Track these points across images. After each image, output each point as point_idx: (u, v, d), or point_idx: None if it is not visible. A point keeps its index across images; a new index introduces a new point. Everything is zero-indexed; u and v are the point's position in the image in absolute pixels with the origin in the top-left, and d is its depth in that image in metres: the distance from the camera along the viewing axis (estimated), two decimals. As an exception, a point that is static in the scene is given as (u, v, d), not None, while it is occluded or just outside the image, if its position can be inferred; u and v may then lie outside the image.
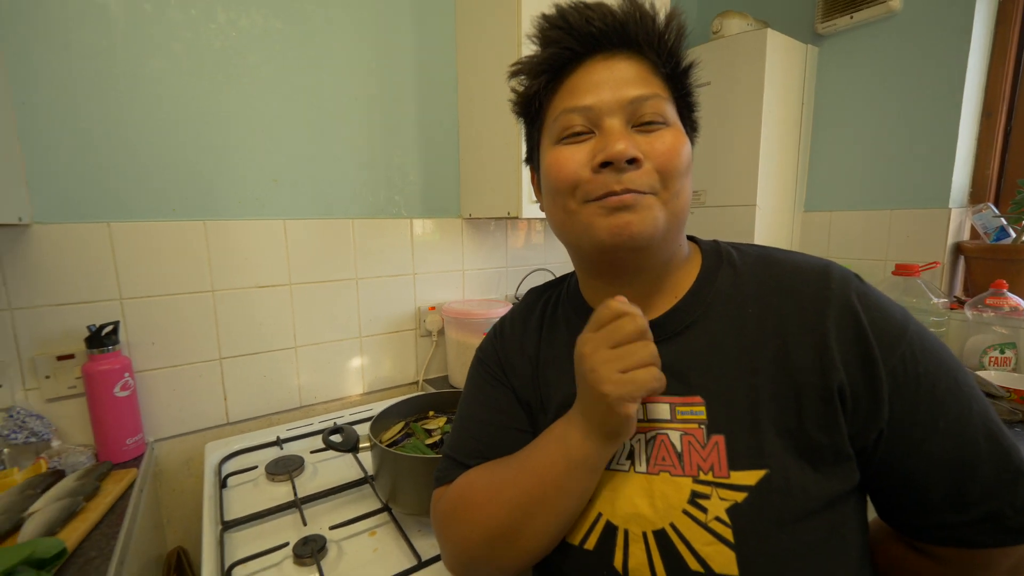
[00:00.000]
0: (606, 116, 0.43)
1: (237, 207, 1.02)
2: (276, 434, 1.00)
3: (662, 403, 0.44)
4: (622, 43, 0.44)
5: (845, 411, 0.39)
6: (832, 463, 0.39)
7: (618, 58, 0.44)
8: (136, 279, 0.93)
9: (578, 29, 0.43)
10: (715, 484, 0.40)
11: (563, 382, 0.49)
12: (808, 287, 0.43)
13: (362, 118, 1.14)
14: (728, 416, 0.41)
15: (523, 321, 0.57)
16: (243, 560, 0.65)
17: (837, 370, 0.39)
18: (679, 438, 0.42)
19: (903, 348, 0.39)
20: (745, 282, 0.46)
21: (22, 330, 0.84)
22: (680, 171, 0.43)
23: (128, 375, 0.88)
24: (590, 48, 0.44)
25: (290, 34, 1.03)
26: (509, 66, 0.49)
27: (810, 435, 0.39)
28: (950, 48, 1.22)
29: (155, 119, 0.92)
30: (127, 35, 0.88)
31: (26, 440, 0.82)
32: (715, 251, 0.49)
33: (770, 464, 0.39)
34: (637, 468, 0.44)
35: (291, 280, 1.09)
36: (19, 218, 0.78)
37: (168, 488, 1.01)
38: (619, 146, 0.41)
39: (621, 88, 0.43)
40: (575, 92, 0.44)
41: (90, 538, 0.67)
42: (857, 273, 0.45)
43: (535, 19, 0.46)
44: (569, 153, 0.44)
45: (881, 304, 0.41)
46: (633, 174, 0.41)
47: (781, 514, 0.38)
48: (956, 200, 1.28)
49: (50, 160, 0.85)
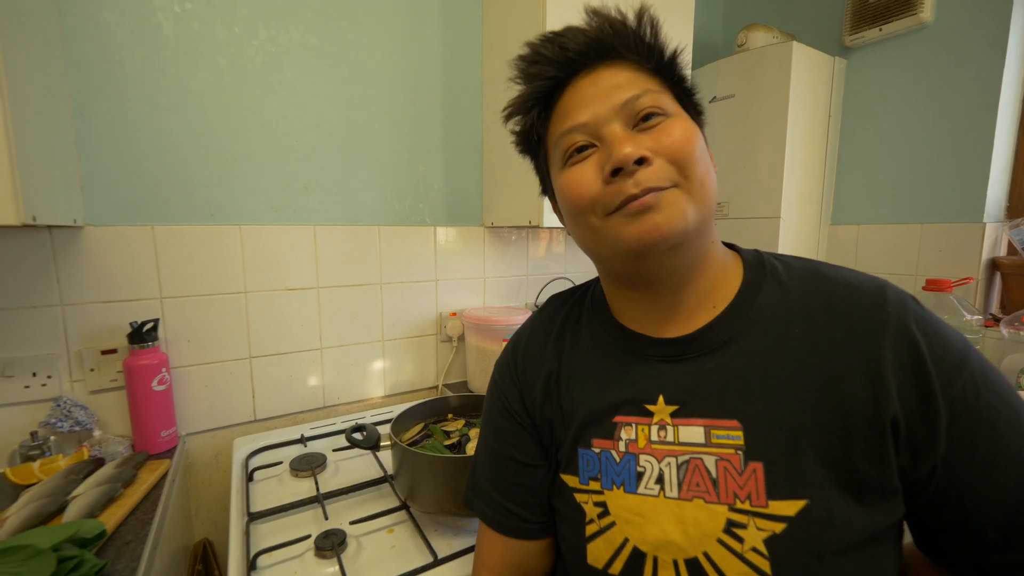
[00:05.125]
0: (604, 126, 0.42)
1: (271, 213, 1.07)
2: (300, 432, 1.03)
3: (695, 425, 0.42)
4: (601, 56, 0.43)
5: (897, 444, 0.37)
6: (878, 496, 0.37)
7: (601, 70, 0.43)
8: (175, 279, 0.98)
9: (555, 58, 0.43)
10: (752, 513, 0.38)
11: (587, 396, 0.48)
12: (861, 309, 0.40)
13: (390, 129, 1.18)
14: (767, 442, 0.39)
15: (544, 330, 0.54)
16: (267, 550, 0.67)
17: (891, 400, 0.37)
18: (714, 463, 0.40)
19: (964, 380, 0.37)
20: (792, 299, 0.43)
21: (71, 325, 0.90)
22: (695, 156, 0.41)
23: (165, 370, 0.93)
24: (572, 70, 0.44)
25: (324, 50, 1.09)
26: (502, 111, 0.49)
27: (857, 466, 0.37)
28: (984, 60, 1.20)
29: (199, 129, 0.98)
30: (176, 52, 0.94)
31: (71, 429, 0.87)
32: (758, 263, 0.47)
33: (811, 494, 0.37)
34: (667, 493, 0.42)
35: (319, 284, 1.13)
36: (74, 220, 0.83)
37: (197, 480, 1.05)
38: (624, 149, 0.39)
39: (611, 96, 0.42)
40: (567, 114, 0.44)
41: (127, 522, 0.71)
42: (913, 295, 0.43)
43: (512, 63, 0.46)
44: (578, 172, 0.43)
45: (940, 331, 0.39)
46: (647, 172, 0.40)
47: (821, 546, 0.36)
48: (992, 215, 1.24)
49: (103, 167, 0.91)
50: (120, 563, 0.62)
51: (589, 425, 0.47)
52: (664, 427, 0.44)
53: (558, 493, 0.49)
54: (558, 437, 0.50)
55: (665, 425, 0.43)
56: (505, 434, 0.53)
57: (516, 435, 0.53)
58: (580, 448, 0.47)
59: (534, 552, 0.52)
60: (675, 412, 0.43)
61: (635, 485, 0.43)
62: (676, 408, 0.43)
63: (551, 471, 0.51)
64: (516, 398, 0.53)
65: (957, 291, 1.19)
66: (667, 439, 0.43)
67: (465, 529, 0.75)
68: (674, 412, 0.43)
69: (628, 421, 0.45)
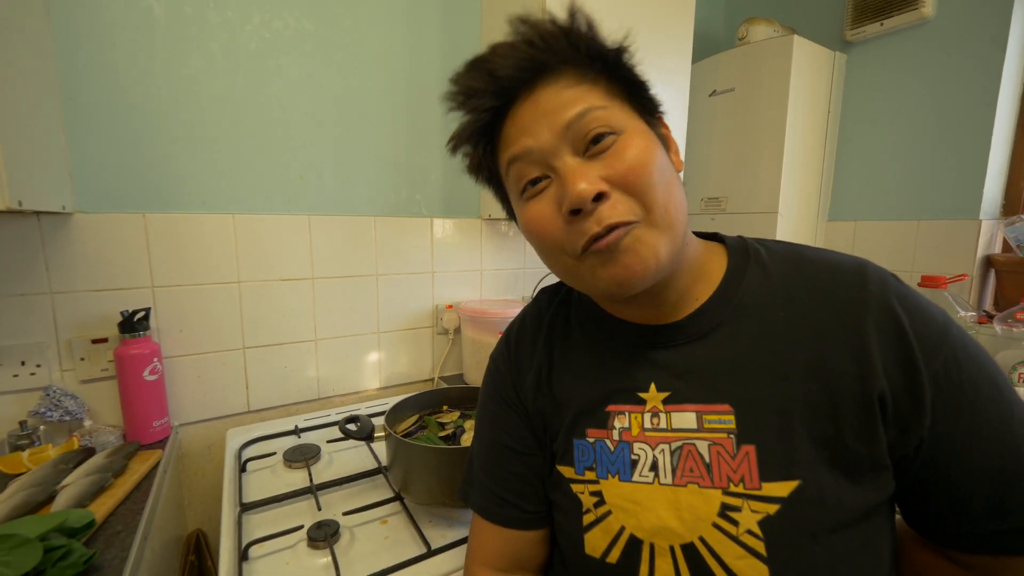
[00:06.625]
0: (553, 157, 0.39)
1: (264, 202, 1.05)
2: (294, 423, 1.03)
3: (687, 411, 0.42)
4: (536, 73, 0.40)
5: (885, 419, 0.38)
6: (869, 473, 0.38)
7: (540, 90, 0.40)
8: (167, 268, 0.96)
9: (487, 88, 0.40)
10: (746, 496, 0.39)
11: (580, 387, 0.49)
12: (844, 288, 0.40)
13: (387, 118, 1.17)
14: (758, 425, 0.40)
15: (535, 323, 0.55)
16: (259, 540, 0.67)
17: (878, 377, 0.37)
18: (707, 448, 0.41)
19: (945, 352, 0.37)
20: (775, 282, 0.43)
21: (61, 313, 0.89)
22: (652, 181, 0.38)
23: (157, 360, 0.92)
24: (508, 97, 0.41)
25: (320, 36, 1.07)
26: (446, 144, 0.47)
27: (847, 444, 0.38)
28: (984, 57, 1.19)
29: (191, 116, 0.96)
30: (168, 36, 0.92)
31: (61, 418, 0.86)
32: (742, 249, 0.47)
33: (803, 475, 0.38)
34: (662, 480, 0.42)
35: (314, 274, 1.12)
36: (63, 207, 0.82)
37: (190, 471, 1.04)
38: (578, 187, 0.37)
39: (552, 118, 0.39)
40: (511, 142, 0.41)
41: (117, 512, 0.70)
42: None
43: (445, 95, 0.43)
44: (538, 210, 0.41)
45: (921, 306, 0.39)
46: (606, 208, 0.38)
47: (814, 526, 0.37)
48: (987, 212, 1.25)
49: (92, 152, 0.89)
50: (109, 553, 0.61)
51: (582, 415, 0.47)
52: (657, 414, 0.44)
53: (555, 485, 0.49)
54: (552, 428, 0.50)
55: (658, 412, 0.44)
56: (501, 422, 0.53)
57: (512, 423, 0.53)
58: (575, 439, 0.48)
59: (530, 542, 0.52)
60: (667, 399, 0.44)
61: (630, 473, 0.44)
62: (668, 395, 0.44)
63: (547, 462, 0.51)
64: (511, 386, 0.54)
65: (952, 287, 1.20)
66: (660, 426, 0.43)
67: (459, 520, 0.74)
68: (666, 399, 0.44)
69: (621, 410, 0.46)
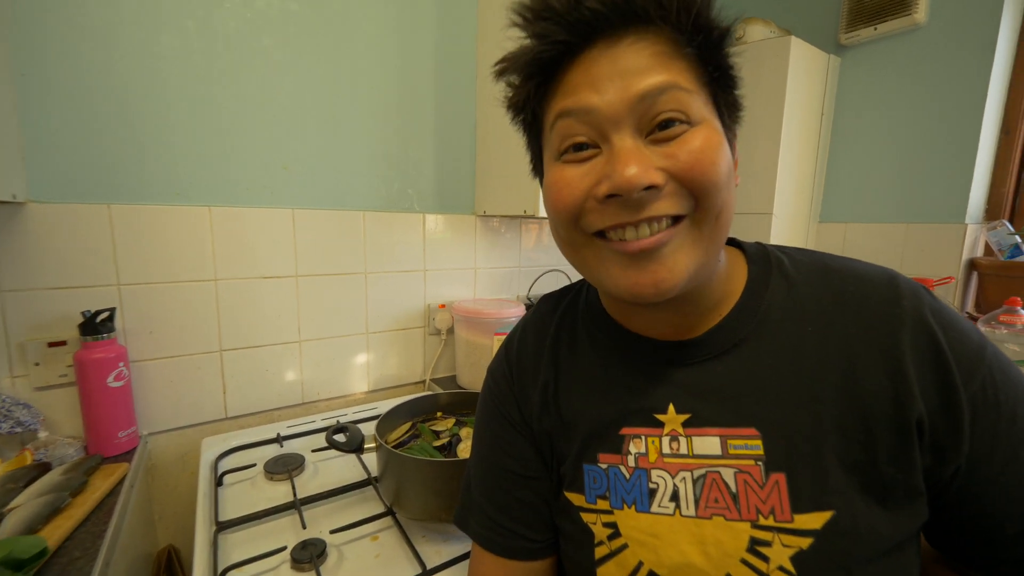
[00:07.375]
0: (612, 129, 0.34)
1: (244, 193, 0.98)
2: (276, 431, 0.96)
3: (710, 435, 0.39)
4: (628, 20, 0.34)
5: (921, 444, 0.35)
6: (903, 500, 0.35)
7: (625, 42, 0.34)
8: (135, 264, 0.89)
9: (567, 15, 0.34)
10: (777, 529, 0.36)
11: (590, 407, 0.44)
12: (875, 303, 0.37)
13: (379, 108, 1.11)
14: (788, 450, 0.36)
15: (537, 334, 0.50)
16: (237, 564, 0.61)
17: (915, 399, 0.35)
18: (733, 476, 0.37)
19: (983, 373, 0.35)
20: (801, 295, 0.40)
21: (12, 314, 0.80)
22: (718, 182, 0.34)
23: (123, 365, 0.84)
24: (586, 35, 0.34)
25: (307, 18, 1.00)
26: (493, 65, 0.40)
27: (881, 470, 0.35)
28: (973, 63, 1.21)
29: (162, 98, 0.88)
30: (137, 9, 0.85)
31: (11, 430, 0.77)
32: (763, 257, 0.43)
33: (836, 504, 0.35)
34: (683, 511, 0.39)
35: (298, 272, 1.05)
36: (13, 195, 0.74)
37: (161, 484, 0.96)
38: (628, 170, 0.32)
39: (628, 81, 0.33)
40: (573, 91, 0.35)
41: (74, 536, 0.63)
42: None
43: (513, 4, 0.36)
44: (570, 176, 0.36)
45: (956, 323, 0.37)
46: (653, 199, 0.34)
47: (849, 560, 0.34)
48: (972, 216, 1.27)
49: (50, 136, 0.81)
50: (66, 584, 0.54)
51: (594, 439, 0.43)
52: (676, 438, 0.40)
53: (562, 512, 0.45)
54: (559, 450, 0.46)
55: (677, 436, 0.40)
56: (503, 443, 0.49)
57: (515, 444, 0.48)
58: (585, 464, 0.44)
59: (536, 573, 0.47)
60: (687, 421, 0.40)
61: (648, 503, 0.40)
62: (688, 417, 0.40)
63: (554, 487, 0.47)
64: (513, 404, 0.49)
65: (938, 290, 1.22)
66: (680, 451, 0.40)
67: (455, 536, 0.70)
68: (686, 421, 0.40)
69: (637, 433, 0.42)
